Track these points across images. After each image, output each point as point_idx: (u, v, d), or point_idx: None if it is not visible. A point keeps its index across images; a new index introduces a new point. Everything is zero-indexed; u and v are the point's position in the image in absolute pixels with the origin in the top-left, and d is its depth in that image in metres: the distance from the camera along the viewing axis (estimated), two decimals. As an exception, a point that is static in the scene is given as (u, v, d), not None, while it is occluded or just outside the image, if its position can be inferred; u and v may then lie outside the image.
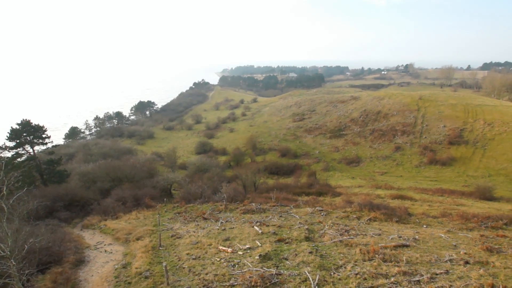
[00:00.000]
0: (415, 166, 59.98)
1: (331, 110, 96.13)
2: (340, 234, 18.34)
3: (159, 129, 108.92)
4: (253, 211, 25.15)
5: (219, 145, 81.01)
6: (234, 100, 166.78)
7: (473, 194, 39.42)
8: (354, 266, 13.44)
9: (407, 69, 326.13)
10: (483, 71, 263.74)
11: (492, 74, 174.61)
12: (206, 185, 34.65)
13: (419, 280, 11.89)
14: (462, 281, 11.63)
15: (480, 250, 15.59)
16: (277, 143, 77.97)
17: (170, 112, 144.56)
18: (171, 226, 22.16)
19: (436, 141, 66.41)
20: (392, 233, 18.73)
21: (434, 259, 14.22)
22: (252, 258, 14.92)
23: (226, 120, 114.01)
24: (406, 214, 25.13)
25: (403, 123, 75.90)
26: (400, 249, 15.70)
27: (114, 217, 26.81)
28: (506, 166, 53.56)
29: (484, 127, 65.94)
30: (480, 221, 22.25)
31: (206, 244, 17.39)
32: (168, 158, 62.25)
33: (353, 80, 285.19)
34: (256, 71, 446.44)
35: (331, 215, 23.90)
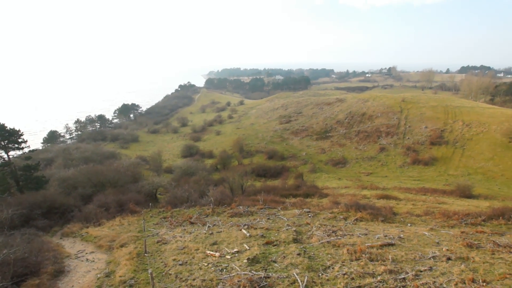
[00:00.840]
0: (399, 166, 60.85)
1: (317, 112, 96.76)
2: (327, 235, 18.32)
3: (144, 133, 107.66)
4: (241, 214, 24.97)
5: (206, 148, 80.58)
6: (220, 102, 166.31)
7: (454, 192, 40.32)
8: (341, 267, 13.44)
9: (390, 72, 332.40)
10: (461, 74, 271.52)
11: (469, 77, 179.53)
12: (192, 189, 34.24)
13: (405, 277, 11.99)
14: (445, 277, 11.80)
15: (461, 246, 15.86)
16: (264, 146, 77.98)
17: (155, 115, 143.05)
18: (157, 232, 21.76)
19: (419, 141, 67.68)
20: (378, 233, 18.84)
21: (419, 257, 14.40)
22: (240, 262, 14.75)
23: (213, 122, 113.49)
24: (391, 213, 25.37)
25: (387, 124, 76.98)
26: (386, 248, 15.81)
27: (97, 224, 25.82)
28: (483, 165, 55.10)
29: (463, 127, 67.75)
30: (461, 218, 22.68)
31: (193, 249, 17.11)
32: (153, 162, 61.37)
33: (338, 82, 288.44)
34: (243, 73, 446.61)
35: (319, 216, 23.91)
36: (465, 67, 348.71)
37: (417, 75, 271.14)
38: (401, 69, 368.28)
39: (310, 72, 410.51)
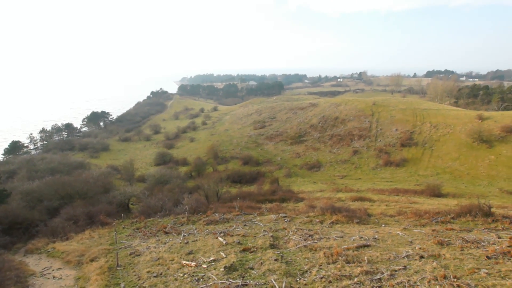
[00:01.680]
0: (372, 168, 62.12)
1: (291, 117, 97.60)
2: (304, 239, 18.33)
3: (115, 141, 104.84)
4: (217, 222, 24.65)
5: (180, 155, 79.45)
6: (194, 109, 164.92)
7: (424, 192, 41.50)
8: (319, 270, 13.43)
9: (361, 76, 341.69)
10: (427, 78, 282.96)
11: (435, 81, 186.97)
12: (166, 198, 33.55)
13: (380, 278, 12.11)
14: (419, 275, 12.02)
15: (432, 244, 16.23)
16: (239, 151, 77.74)
17: (126, 122, 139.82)
18: (130, 243, 21.09)
19: (390, 143, 69.45)
20: (353, 235, 19.02)
21: (393, 256, 14.60)
22: (217, 271, 14.47)
23: (186, 129, 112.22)
24: (366, 215, 25.73)
25: (359, 127, 78.61)
26: (362, 250, 15.97)
27: (64, 238, 24.61)
28: (450, 165, 57.23)
29: (431, 129, 70.30)
30: (431, 217, 23.29)
31: (168, 260, 16.65)
32: (125, 171, 59.71)
33: (311, 87, 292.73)
34: (216, 79, 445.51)
35: (295, 220, 23.93)
36: (431, 71, 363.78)
37: (386, 79, 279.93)
38: (371, 74, 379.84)
39: (283, 77, 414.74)
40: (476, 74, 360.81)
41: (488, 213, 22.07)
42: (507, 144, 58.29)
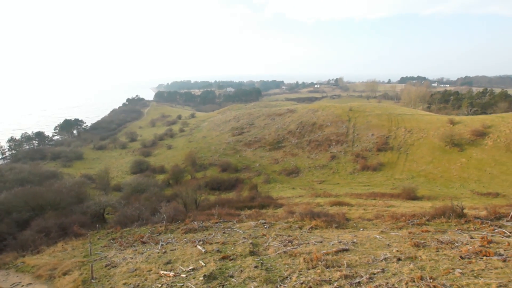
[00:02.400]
0: (349, 173, 63.04)
1: (269, 123, 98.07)
2: (284, 245, 18.28)
3: (89, 149, 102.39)
4: (195, 230, 24.26)
5: (157, 163, 78.33)
6: (171, 116, 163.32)
7: (400, 195, 42.45)
8: (299, 276, 13.40)
9: (337, 82, 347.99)
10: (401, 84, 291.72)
11: (408, 87, 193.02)
12: (143, 206, 32.86)
13: (359, 281, 12.18)
14: (396, 277, 12.16)
15: (409, 246, 16.48)
16: (217, 158, 77.37)
17: (101, 130, 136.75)
18: (105, 255, 20.43)
19: (367, 148, 70.83)
20: (332, 239, 19.12)
21: (371, 260, 14.74)
22: (196, 280, 14.20)
23: (163, 136, 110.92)
24: (344, 219, 25.93)
25: (336, 133, 79.80)
26: (341, 254, 16.04)
27: (35, 251, 23.43)
28: (424, 168, 58.85)
29: (405, 134, 72.24)
30: (408, 219, 23.70)
31: (145, 270, 16.21)
32: (100, 180, 58.27)
33: (288, 93, 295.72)
34: (193, 86, 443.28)
35: (274, 226, 23.86)
36: (404, 77, 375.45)
37: (362, 85, 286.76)
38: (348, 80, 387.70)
39: (261, 83, 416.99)
40: (447, 80, 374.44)
41: (461, 214, 22.67)
42: (476, 148, 60.51)
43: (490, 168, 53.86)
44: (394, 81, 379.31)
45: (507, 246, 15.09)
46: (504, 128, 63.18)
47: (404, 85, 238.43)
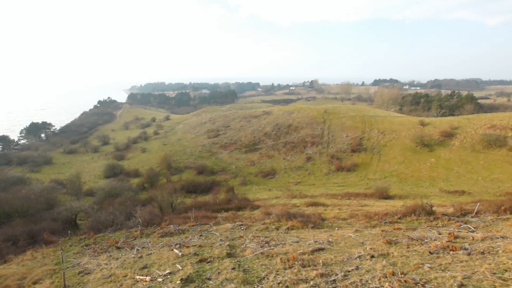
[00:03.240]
0: (325, 174, 64.02)
1: (245, 125, 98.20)
2: (261, 246, 18.42)
3: (59, 153, 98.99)
4: (172, 233, 24.06)
5: (131, 167, 76.84)
6: (145, 118, 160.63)
7: (374, 195, 43.48)
8: (276, 276, 13.54)
9: (312, 85, 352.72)
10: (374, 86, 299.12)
11: (381, 89, 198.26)
12: (118, 211, 32.26)
13: (335, 279, 12.45)
14: (370, 274, 12.51)
15: (382, 243, 16.99)
16: (193, 161, 76.77)
17: (71, 133, 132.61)
18: (78, 262, 19.92)
19: (341, 149, 72.19)
20: (308, 239, 19.43)
21: (346, 258, 15.09)
22: (174, 283, 14.09)
23: (137, 139, 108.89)
24: (320, 219, 26.39)
25: (312, 134, 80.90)
26: (317, 253, 16.33)
27: (2, 261, 22.57)
28: (396, 168, 60.59)
29: (378, 135, 74.20)
30: (381, 218, 24.40)
31: (120, 276, 15.94)
32: (71, 185, 56.51)
33: (264, 95, 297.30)
34: (168, 88, 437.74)
35: (251, 228, 23.99)
36: (378, 80, 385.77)
37: (336, 87, 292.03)
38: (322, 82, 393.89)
39: (236, 85, 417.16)
40: (417, 83, 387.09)
41: (430, 212, 23.58)
42: (445, 148, 62.90)
43: (457, 167, 56.10)
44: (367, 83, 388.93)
45: (471, 241, 15.86)
46: (470, 129, 66.03)
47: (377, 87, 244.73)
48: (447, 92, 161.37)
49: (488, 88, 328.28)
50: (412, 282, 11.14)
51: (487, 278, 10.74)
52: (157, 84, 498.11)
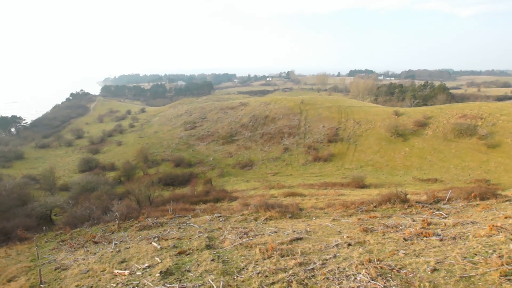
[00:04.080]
0: (302, 164, 64.78)
1: (222, 116, 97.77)
2: (239, 237, 18.54)
3: (31, 148, 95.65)
4: (150, 227, 23.85)
5: (107, 160, 75.32)
6: (120, 111, 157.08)
7: (350, 184, 44.48)
8: (255, 266, 13.68)
9: (289, 76, 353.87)
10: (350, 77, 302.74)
11: (357, 80, 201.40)
12: (94, 206, 31.66)
13: (313, 268, 12.69)
14: (347, 261, 12.84)
15: (358, 232, 17.44)
16: (170, 153, 75.99)
17: (43, 127, 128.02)
18: (54, 258, 19.49)
19: (318, 140, 73.11)
20: (287, 229, 19.69)
21: (324, 247, 15.39)
22: (153, 277, 14.03)
23: (113, 133, 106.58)
24: (298, 209, 26.75)
25: (289, 125, 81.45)
26: (295, 243, 16.58)
27: (-27, 259, 21.91)
28: (372, 158, 62.06)
29: (354, 125, 75.54)
30: (357, 207, 24.98)
31: (99, 271, 15.72)
32: (45, 180, 54.87)
33: (241, 87, 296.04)
34: (142, 79, 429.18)
35: (230, 219, 24.09)
36: (353, 70, 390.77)
37: (313, 78, 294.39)
38: (299, 73, 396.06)
39: (212, 77, 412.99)
40: (392, 73, 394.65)
41: (404, 200, 24.35)
42: (418, 137, 64.77)
43: (430, 156, 57.96)
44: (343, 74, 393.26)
45: (443, 227, 16.51)
46: (442, 119, 68.21)
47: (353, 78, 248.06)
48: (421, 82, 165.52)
49: (460, 78, 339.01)
50: (387, 268, 11.53)
51: (458, 262, 11.25)
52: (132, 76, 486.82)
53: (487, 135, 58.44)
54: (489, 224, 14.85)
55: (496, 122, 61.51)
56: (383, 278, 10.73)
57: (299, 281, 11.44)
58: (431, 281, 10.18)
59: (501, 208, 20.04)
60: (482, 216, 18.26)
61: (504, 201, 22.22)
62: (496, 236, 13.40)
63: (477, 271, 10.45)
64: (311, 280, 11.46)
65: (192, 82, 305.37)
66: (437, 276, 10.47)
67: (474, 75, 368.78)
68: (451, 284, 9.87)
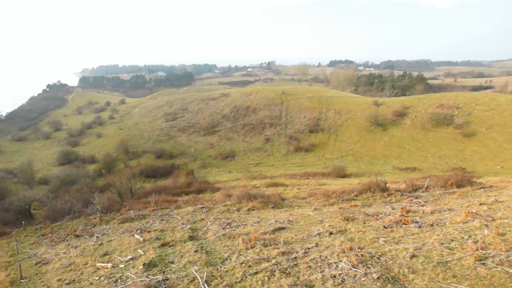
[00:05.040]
0: (283, 154, 65.27)
1: (203, 107, 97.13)
2: (222, 228, 18.68)
3: (7, 141, 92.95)
4: (132, 219, 23.69)
5: (86, 153, 73.95)
6: (99, 102, 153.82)
7: (331, 173, 45.10)
8: (238, 256, 13.86)
9: (269, 66, 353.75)
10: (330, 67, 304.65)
11: (337, 70, 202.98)
12: (75, 199, 31.19)
13: (296, 256, 12.96)
14: (329, 250, 13.18)
15: (340, 220, 17.83)
16: (151, 145, 75.17)
17: (19, 120, 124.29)
18: (35, 252, 19.19)
19: (299, 130, 73.69)
20: (269, 219, 19.93)
21: (306, 236, 15.68)
22: (136, 269, 14.04)
23: (92, 125, 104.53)
24: (280, 199, 27.06)
25: (270, 116, 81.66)
26: (278, 232, 16.83)
27: None
28: (352, 148, 63.07)
29: (335, 115, 76.37)
30: (338, 196, 25.45)
31: (81, 264, 15.61)
32: (23, 173, 53.62)
33: (221, 77, 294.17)
34: (122, 70, 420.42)
35: (213, 210, 24.17)
36: (333, 61, 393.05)
37: (294, 68, 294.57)
38: (280, 63, 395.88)
39: (193, 67, 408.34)
40: (371, 64, 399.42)
41: (384, 188, 24.95)
42: (397, 127, 66.11)
43: (408, 145, 59.32)
44: (324, 64, 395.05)
45: (422, 214, 17.08)
46: (420, 109, 69.72)
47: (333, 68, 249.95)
48: (399, 73, 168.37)
49: (437, 69, 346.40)
50: (368, 255, 11.90)
51: (435, 248, 11.72)
52: (110, 67, 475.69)
53: (463, 124, 60.15)
54: (465, 211, 15.44)
55: (472, 112, 63.33)
56: (364, 265, 11.08)
57: (282, 270, 11.68)
58: (410, 267, 10.59)
59: (476, 195, 20.83)
60: (458, 203, 18.94)
61: (479, 188, 23.09)
62: (472, 222, 13.98)
63: (453, 257, 10.92)
64: (294, 269, 11.72)
65: (173, 73, 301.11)
66: (416, 262, 10.89)
67: (451, 66, 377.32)
68: (429, 270, 10.29)
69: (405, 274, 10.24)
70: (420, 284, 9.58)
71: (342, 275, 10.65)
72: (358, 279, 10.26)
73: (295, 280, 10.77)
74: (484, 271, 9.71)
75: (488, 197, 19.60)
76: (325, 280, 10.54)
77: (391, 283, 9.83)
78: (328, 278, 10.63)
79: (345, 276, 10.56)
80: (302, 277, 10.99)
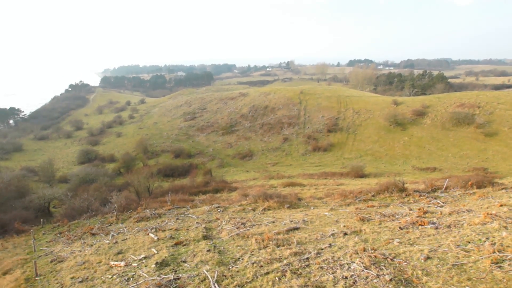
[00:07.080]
0: (301, 154, 64.79)
1: (222, 107, 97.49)
2: (236, 228, 18.54)
3: (30, 140, 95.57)
4: (148, 218, 23.86)
5: (106, 152, 75.35)
6: (119, 102, 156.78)
7: (349, 173, 44.51)
8: (250, 256, 13.70)
9: (288, 66, 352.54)
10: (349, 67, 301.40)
11: (356, 69, 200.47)
12: (93, 197, 31.65)
13: (308, 257, 12.69)
14: (342, 250, 12.84)
15: (355, 221, 17.40)
16: (170, 144, 75.97)
17: (42, 119, 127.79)
18: (51, 250, 19.51)
19: (317, 130, 72.97)
20: (284, 219, 19.67)
21: (320, 236, 15.37)
22: (148, 268, 14.06)
23: (112, 124, 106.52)
24: (297, 199, 26.77)
25: (288, 115, 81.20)
26: (292, 232, 16.57)
27: (-31, 253, 21.83)
28: (371, 147, 61.99)
29: (353, 115, 75.28)
30: (355, 196, 24.96)
31: (95, 263, 15.75)
32: (44, 172, 55.01)
33: (240, 77, 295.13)
34: (142, 70, 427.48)
35: (228, 210, 24.08)
36: (352, 60, 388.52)
37: (312, 68, 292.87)
38: (299, 63, 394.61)
39: (212, 67, 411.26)
40: (391, 63, 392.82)
41: (402, 188, 24.28)
42: (417, 126, 64.59)
43: (428, 145, 57.87)
44: (343, 64, 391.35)
45: (439, 215, 16.47)
46: (440, 108, 67.92)
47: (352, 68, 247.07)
48: (419, 72, 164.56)
49: (458, 67, 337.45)
50: (381, 257, 11.50)
51: (451, 250, 11.21)
52: (131, 67, 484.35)
53: (485, 123, 58.27)
54: (484, 212, 14.77)
55: (494, 111, 61.27)
56: (377, 266, 10.71)
57: (293, 271, 11.43)
58: (423, 269, 10.17)
59: (497, 196, 19.99)
60: (478, 204, 18.21)
61: (500, 189, 22.16)
62: (490, 224, 13.34)
63: (469, 259, 10.43)
64: (305, 270, 11.45)
65: (192, 73, 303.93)
66: (430, 264, 10.45)
67: (472, 64, 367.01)
68: (443, 272, 9.85)
69: (419, 276, 9.84)
70: (433, 286, 9.19)
71: (354, 277, 10.33)
72: (370, 281, 9.92)
73: (306, 281, 10.51)
74: (500, 274, 9.22)
75: (510, 198, 18.74)
76: (337, 281, 10.24)
77: (403, 285, 9.46)
78: (340, 279, 10.33)
79: (356, 278, 10.24)
80: (313, 278, 10.72)
